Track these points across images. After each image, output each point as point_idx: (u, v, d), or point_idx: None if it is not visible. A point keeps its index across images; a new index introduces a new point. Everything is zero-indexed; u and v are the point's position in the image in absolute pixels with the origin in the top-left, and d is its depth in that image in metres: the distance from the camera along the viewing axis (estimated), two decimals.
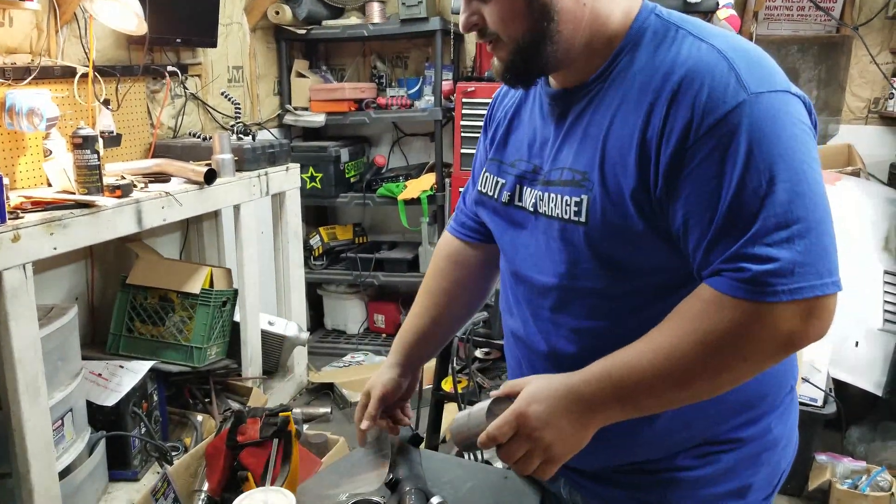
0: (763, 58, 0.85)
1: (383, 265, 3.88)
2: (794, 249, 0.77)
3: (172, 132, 3.00)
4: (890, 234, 2.96)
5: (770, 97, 0.80)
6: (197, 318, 2.50)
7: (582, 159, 0.92)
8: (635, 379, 0.83)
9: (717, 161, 0.79)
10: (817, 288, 0.78)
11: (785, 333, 0.78)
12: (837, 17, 3.55)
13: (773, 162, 0.78)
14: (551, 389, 0.87)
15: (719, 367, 0.81)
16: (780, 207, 0.77)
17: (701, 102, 0.80)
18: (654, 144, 0.84)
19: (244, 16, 3.51)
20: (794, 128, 0.80)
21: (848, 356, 2.69)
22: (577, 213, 0.91)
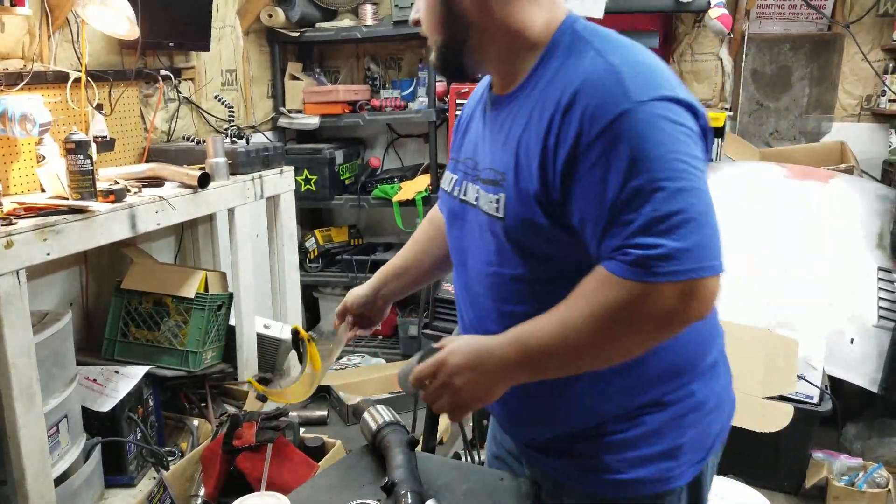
0: (653, 68, 0.94)
1: (379, 267, 3.86)
2: (675, 237, 0.85)
3: (166, 136, 3.00)
4: (883, 230, 2.97)
5: (653, 105, 0.89)
6: (192, 323, 2.49)
7: (501, 161, 1.04)
8: (538, 344, 0.95)
9: (603, 165, 0.89)
10: (695, 271, 0.86)
11: (665, 312, 0.87)
12: (829, 15, 3.57)
13: (654, 163, 0.87)
14: (470, 346, 1.01)
15: (607, 338, 0.91)
16: (661, 203, 0.86)
17: (589, 113, 0.90)
18: (552, 152, 0.94)
19: (237, 19, 3.50)
20: (673, 131, 0.89)
21: (843, 353, 2.69)
22: (497, 209, 1.03)
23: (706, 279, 0.87)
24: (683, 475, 1.09)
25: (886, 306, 2.78)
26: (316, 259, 3.97)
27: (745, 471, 2.45)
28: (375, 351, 3.82)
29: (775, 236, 2.93)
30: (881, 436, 2.72)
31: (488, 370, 0.98)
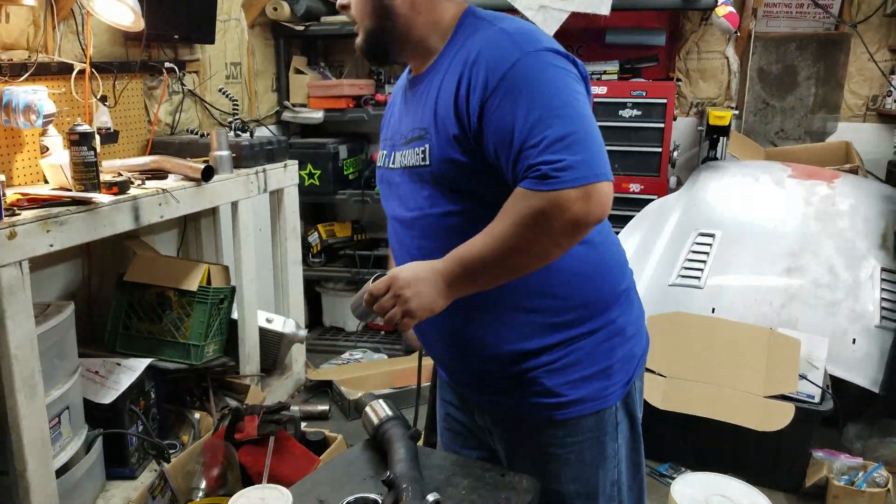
0: (535, 30, 1.15)
1: (382, 262, 3.87)
2: (572, 152, 1.03)
3: (170, 129, 2.99)
4: (887, 231, 2.96)
5: (539, 53, 1.10)
6: (194, 316, 2.49)
7: (423, 119, 1.22)
8: (470, 255, 1.11)
9: (507, 105, 1.08)
10: (592, 176, 1.03)
11: (572, 213, 1.04)
12: (836, 14, 3.55)
13: (547, 97, 1.06)
14: (416, 265, 1.16)
15: (527, 242, 1.08)
16: (558, 127, 1.04)
17: (491, 65, 1.10)
18: (464, 99, 1.13)
19: (242, 12, 3.49)
20: (558, 72, 1.10)
21: (845, 353, 2.68)
22: (423, 158, 1.20)
23: (601, 183, 1.04)
24: (616, 393, 1.29)
25: (889, 307, 2.77)
26: (319, 254, 3.97)
27: (746, 469, 2.45)
28: (377, 346, 3.82)
29: (779, 235, 2.92)
30: (882, 436, 2.71)
31: (431, 282, 1.13)
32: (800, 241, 2.88)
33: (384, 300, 1.15)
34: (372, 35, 1.25)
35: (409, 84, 1.32)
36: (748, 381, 2.54)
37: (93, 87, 2.47)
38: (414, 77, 1.29)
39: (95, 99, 2.47)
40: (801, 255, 2.84)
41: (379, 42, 1.25)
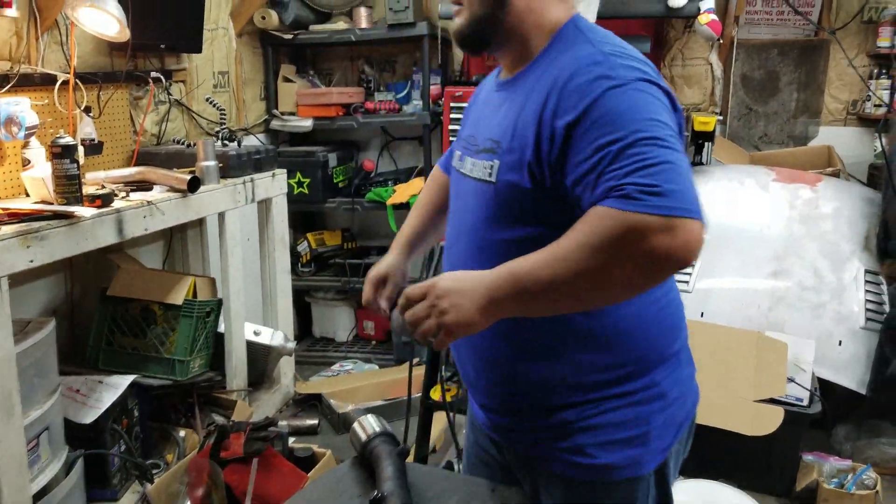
0: (633, 55, 1.08)
1: None
2: (663, 178, 0.93)
3: (156, 139, 2.96)
4: (870, 233, 2.98)
5: (637, 83, 1.02)
6: (180, 330, 2.46)
7: (498, 131, 1.15)
8: (527, 271, 0.99)
9: (596, 130, 0.99)
10: (683, 210, 0.92)
11: (651, 244, 0.91)
12: (815, 21, 3.59)
13: (640, 125, 0.98)
14: (461, 273, 1.06)
15: (595, 269, 0.95)
16: (650, 153, 0.95)
17: (584, 89, 1.02)
18: (549, 122, 1.05)
19: (230, 21, 3.47)
20: (653, 105, 1.02)
21: (832, 355, 2.70)
22: (490, 174, 1.14)
23: (692, 220, 0.92)
24: (651, 461, 1.17)
25: (873, 308, 2.80)
26: (308, 263, 3.93)
27: (736, 474, 2.44)
28: (369, 356, 3.79)
29: (764, 239, 2.93)
30: (870, 437, 2.72)
31: (476, 295, 1.01)
32: (785, 245, 2.90)
33: (419, 308, 1.04)
34: (478, 21, 1.17)
35: (496, 86, 1.26)
36: (737, 386, 2.54)
37: (77, 98, 2.44)
38: (503, 80, 1.24)
39: (79, 110, 2.44)
40: (786, 258, 2.86)
41: (483, 30, 1.18)
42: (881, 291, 2.85)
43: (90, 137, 2.44)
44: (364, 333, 4.06)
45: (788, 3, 3.50)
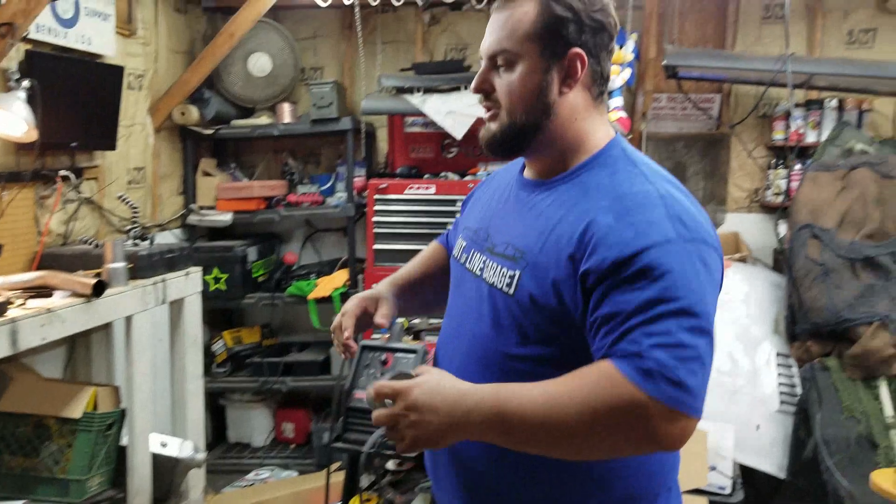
0: (695, 211, 1.04)
1: (292, 369, 3.72)
2: (686, 370, 0.91)
3: (63, 239, 2.84)
4: (779, 317, 3.10)
5: (694, 244, 0.99)
6: (77, 446, 2.29)
7: (525, 240, 1.11)
8: (516, 409, 0.95)
9: (640, 280, 0.95)
10: (689, 407, 0.92)
11: (650, 429, 0.91)
12: (716, 116, 3.83)
13: (685, 296, 0.94)
14: (443, 387, 1.00)
15: (588, 431, 0.94)
16: (683, 333, 0.92)
17: (636, 230, 0.98)
18: (590, 249, 1.00)
19: (148, 117, 3.42)
20: (706, 275, 0.98)
21: (751, 440, 2.76)
22: (509, 285, 1.09)
23: (691, 419, 0.93)
24: None
25: (786, 391, 2.88)
26: (224, 363, 3.77)
27: None
28: (287, 462, 3.62)
29: None
30: None
31: (450, 420, 0.98)
32: None
33: (384, 414, 1.00)
34: (518, 128, 1.12)
35: (520, 182, 1.21)
36: None
37: None
38: (531, 181, 1.19)
39: None
40: None
41: (521, 137, 1.13)
42: (792, 374, 2.95)
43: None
44: (283, 437, 3.89)
45: (690, 101, 3.74)
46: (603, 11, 1.12)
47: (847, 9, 3.64)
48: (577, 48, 1.09)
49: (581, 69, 1.10)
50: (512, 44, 1.10)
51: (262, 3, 3.30)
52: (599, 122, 1.16)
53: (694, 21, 3.81)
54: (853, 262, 2.94)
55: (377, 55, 3.97)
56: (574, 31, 1.09)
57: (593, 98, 1.14)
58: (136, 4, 3.26)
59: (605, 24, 1.12)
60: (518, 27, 1.10)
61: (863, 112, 3.56)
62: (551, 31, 1.09)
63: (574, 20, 1.09)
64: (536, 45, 1.10)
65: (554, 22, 1.09)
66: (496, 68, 1.13)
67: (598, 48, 1.11)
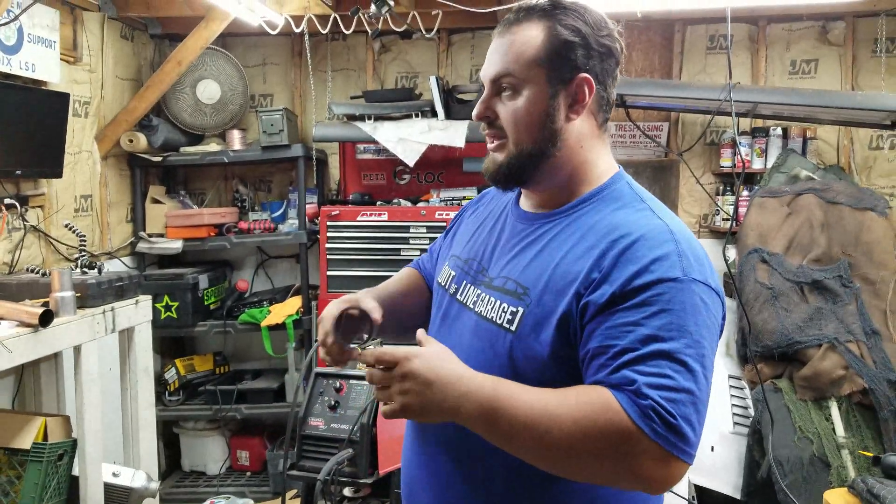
0: (701, 253, 1.02)
1: (246, 396, 3.68)
2: (682, 412, 0.90)
3: (8, 268, 2.78)
4: (729, 340, 3.18)
5: (698, 286, 0.97)
6: (27, 478, 2.23)
7: (528, 276, 1.07)
8: (508, 409, 0.94)
9: (640, 313, 0.94)
10: (679, 450, 0.91)
11: (636, 465, 0.90)
12: (664, 144, 3.94)
13: (685, 336, 0.93)
14: (443, 362, 0.98)
15: (573, 451, 0.92)
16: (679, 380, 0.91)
17: (643, 263, 0.96)
18: (597, 281, 0.98)
19: (95, 144, 3.39)
20: (708, 319, 0.97)
21: (705, 461, 2.79)
22: (511, 321, 1.05)
23: (681, 463, 0.91)
24: None
25: (739, 413, 2.93)
26: (177, 391, 3.71)
27: None
28: (243, 490, 3.57)
29: None
30: None
31: (445, 398, 0.96)
32: None
33: (382, 375, 0.98)
34: (524, 157, 1.09)
35: (517, 213, 1.18)
36: None
37: None
38: (529, 213, 1.16)
39: None
40: None
41: (528, 167, 1.09)
42: (745, 396, 2.99)
43: None
44: (238, 464, 3.83)
45: (639, 129, 3.84)
46: (610, 37, 1.10)
47: (790, 40, 3.78)
48: (585, 73, 1.07)
49: (588, 95, 1.08)
50: (518, 68, 1.07)
51: (210, 30, 3.33)
52: (603, 151, 1.14)
53: (641, 51, 3.94)
54: (801, 286, 3.02)
55: (327, 82, 4.02)
56: (582, 55, 1.07)
57: (599, 125, 1.12)
58: (82, 31, 3.24)
59: (613, 50, 1.10)
60: (524, 51, 1.07)
61: (807, 139, 3.67)
62: (559, 56, 1.06)
63: (582, 44, 1.07)
64: (544, 70, 1.07)
65: (562, 46, 1.06)
66: (498, 94, 1.10)
67: (605, 74, 1.09)
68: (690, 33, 3.87)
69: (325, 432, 2.23)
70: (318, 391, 2.34)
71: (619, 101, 3.58)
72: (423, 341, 1.03)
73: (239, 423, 3.87)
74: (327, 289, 3.54)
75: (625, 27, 3.78)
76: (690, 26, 3.86)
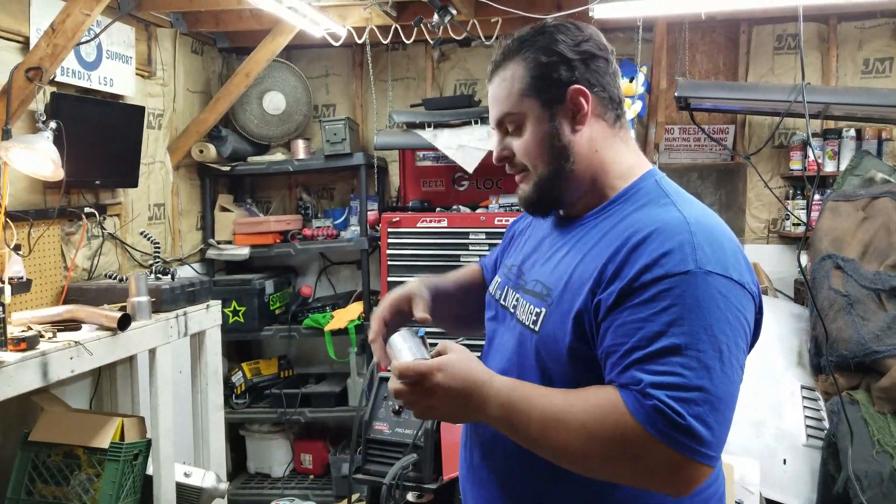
0: (726, 242, 0.99)
1: (310, 400, 3.75)
2: (695, 413, 0.88)
3: (88, 274, 2.91)
4: (801, 349, 3.06)
5: (714, 278, 0.93)
6: (105, 476, 2.33)
7: (552, 277, 1.09)
8: (524, 408, 0.97)
9: (650, 308, 0.93)
10: (700, 456, 0.88)
11: (648, 467, 0.90)
12: (730, 147, 3.85)
13: (697, 331, 0.90)
14: (463, 374, 1.01)
15: (583, 450, 0.93)
16: (690, 371, 0.89)
17: (655, 256, 0.94)
18: (609, 278, 0.98)
19: (167, 155, 3.52)
20: (727, 311, 0.93)
21: (778, 475, 2.70)
22: (535, 322, 1.08)
23: (698, 464, 0.89)
24: None
25: (813, 424, 2.82)
26: (243, 394, 3.81)
27: None
28: (306, 493, 3.64)
29: None
30: None
31: (468, 404, 1.01)
32: None
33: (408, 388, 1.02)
34: (547, 181, 1.12)
35: (555, 220, 1.21)
36: None
37: (7, 237, 2.40)
38: (566, 217, 1.18)
39: (8, 248, 2.39)
40: None
41: (553, 188, 1.12)
42: (819, 407, 2.87)
43: (18, 275, 2.39)
44: (301, 467, 3.91)
45: (704, 132, 3.76)
46: (588, 41, 1.11)
47: (862, 38, 3.65)
48: (575, 85, 1.09)
49: (586, 103, 1.09)
50: (511, 105, 1.12)
51: (276, 44, 3.42)
52: (623, 147, 1.14)
53: (705, 53, 3.86)
54: (878, 293, 2.88)
55: (388, 91, 4.08)
56: (565, 70, 1.09)
57: (610, 124, 1.13)
58: (156, 47, 3.38)
59: (595, 52, 1.11)
60: (512, 88, 1.12)
61: (882, 141, 3.53)
62: (543, 80, 1.10)
63: (561, 61, 1.09)
64: (534, 99, 1.10)
65: (543, 70, 1.10)
66: (508, 134, 1.15)
67: (596, 75, 1.11)
68: (757, 34, 3.78)
69: (389, 437, 2.25)
70: (383, 395, 2.37)
71: (683, 104, 3.52)
72: (443, 350, 1.06)
73: (302, 426, 3.94)
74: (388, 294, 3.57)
75: (688, 28, 3.72)
76: (757, 26, 3.76)
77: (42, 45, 2.38)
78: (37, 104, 2.55)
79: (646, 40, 3.66)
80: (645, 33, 3.55)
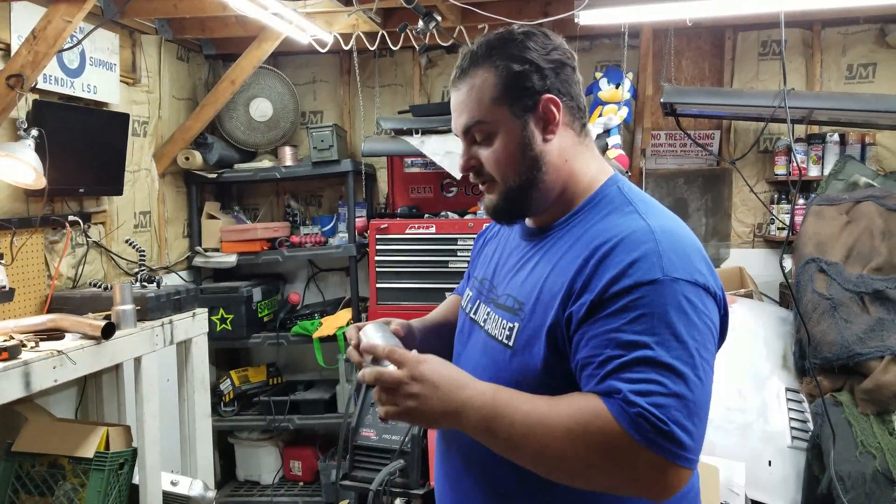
0: (689, 248, 1.00)
1: (299, 407, 3.74)
2: (674, 417, 0.89)
3: (72, 282, 2.89)
4: (786, 352, 3.08)
5: (681, 285, 0.95)
6: (90, 486, 2.31)
7: (523, 291, 1.09)
8: (507, 412, 0.96)
9: (621, 319, 0.93)
10: (682, 460, 0.90)
11: (631, 472, 0.90)
12: (716, 152, 3.87)
13: (667, 339, 0.91)
14: (449, 372, 1.00)
15: (566, 457, 0.92)
16: (667, 384, 0.90)
17: (622, 268, 0.95)
18: (578, 290, 0.98)
19: (153, 162, 3.51)
20: (695, 317, 0.94)
21: (763, 476, 2.71)
22: (508, 337, 1.07)
23: (679, 468, 0.90)
24: None
25: (798, 426, 2.84)
26: (231, 402, 3.79)
27: None
28: (296, 499, 3.62)
29: None
30: None
31: (448, 405, 0.98)
32: None
33: (388, 376, 0.99)
34: (516, 191, 1.11)
35: (522, 231, 1.20)
36: None
37: None
38: (533, 229, 1.18)
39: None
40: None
41: (523, 198, 1.11)
42: (804, 409, 2.89)
43: (1, 285, 2.36)
44: (291, 474, 3.89)
45: (690, 137, 3.78)
46: (557, 49, 1.11)
47: (846, 44, 3.68)
48: (547, 94, 1.08)
49: (558, 112, 1.09)
50: (482, 113, 1.09)
51: (262, 50, 3.42)
52: (589, 157, 1.14)
53: (691, 59, 3.89)
54: (862, 296, 2.90)
55: (375, 98, 4.08)
56: (537, 79, 1.08)
57: (577, 133, 1.13)
58: (140, 53, 3.37)
59: (564, 61, 1.11)
60: (483, 96, 1.09)
61: (866, 146, 3.56)
62: (516, 88, 1.08)
63: (533, 69, 1.08)
64: (506, 107, 1.09)
65: (515, 78, 1.08)
66: (475, 143, 1.13)
67: (565, 85, 1.11)
68: (742, 40, 3.81)
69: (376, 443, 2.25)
70: (370, 402, 2.37)
71: (669, 110, 3.54)
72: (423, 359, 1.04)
73: (291, 433, 3.93)
74: (377, 301, 3.57)
75: (674, 35, 3.74)
76: (742, 33, 3.79)
77: (23, 52, 2.37)
78: (18, 112, 2.53)
79: (632, 46, 3.68)
80: (631, 39, 3.56)
